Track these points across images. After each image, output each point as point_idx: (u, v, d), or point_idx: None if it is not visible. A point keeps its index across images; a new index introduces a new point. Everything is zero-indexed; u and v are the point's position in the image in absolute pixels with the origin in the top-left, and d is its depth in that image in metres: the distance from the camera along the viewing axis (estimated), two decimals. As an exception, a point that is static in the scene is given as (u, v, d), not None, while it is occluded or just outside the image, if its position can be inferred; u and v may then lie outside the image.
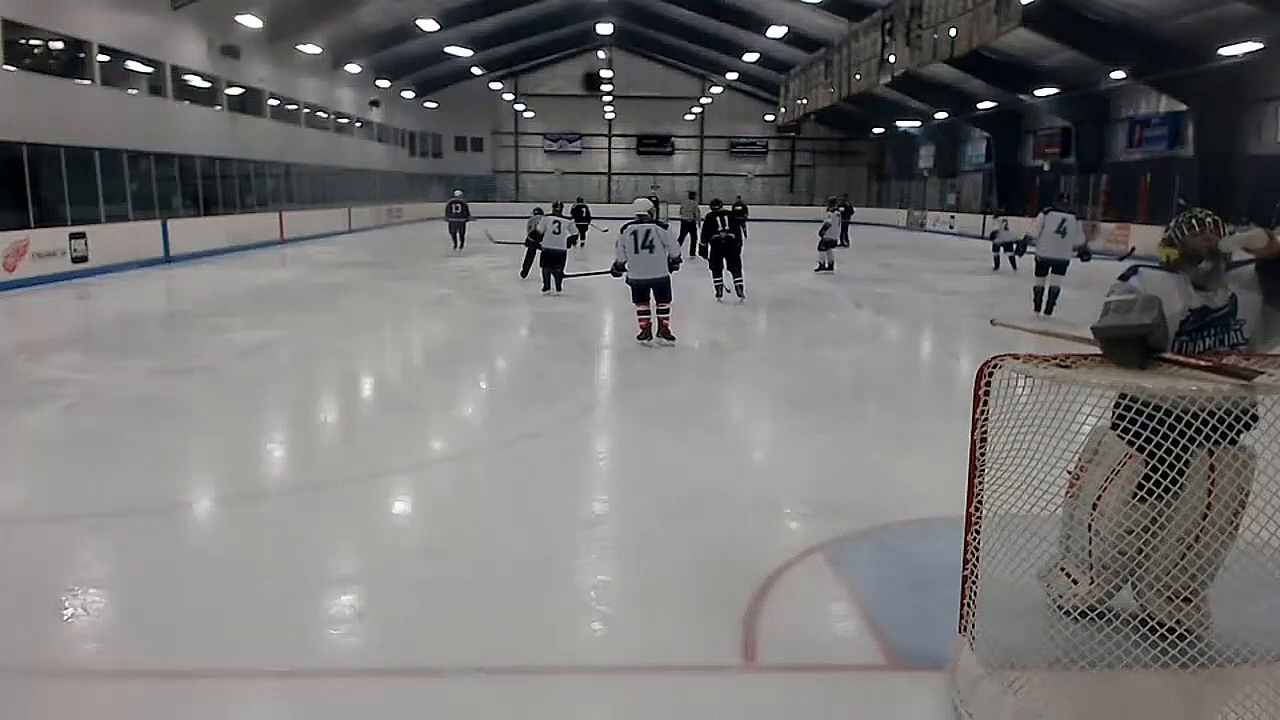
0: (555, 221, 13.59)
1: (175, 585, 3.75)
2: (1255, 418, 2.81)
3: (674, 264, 9.22)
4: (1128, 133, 26.04)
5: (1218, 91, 20.93)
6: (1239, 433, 2.78)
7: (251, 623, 3.41)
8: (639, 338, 9.33)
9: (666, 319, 9.29)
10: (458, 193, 24.06)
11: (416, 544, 4.31)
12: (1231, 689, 2.59)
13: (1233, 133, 21.25)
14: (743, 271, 12.97)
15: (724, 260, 12.84)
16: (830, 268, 17.60)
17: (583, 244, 20.41)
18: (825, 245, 17.77)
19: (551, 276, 13.52)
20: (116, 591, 3.81)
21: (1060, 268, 11.62)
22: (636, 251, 9.05)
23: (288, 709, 3.01)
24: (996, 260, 19.19)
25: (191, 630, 3.35)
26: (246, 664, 3.14)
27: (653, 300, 9.20)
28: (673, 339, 9.27)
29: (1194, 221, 3.14)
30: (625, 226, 9.21)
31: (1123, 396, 3.03)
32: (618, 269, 9.33)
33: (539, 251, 13.87)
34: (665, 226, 9.74)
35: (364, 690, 3.03)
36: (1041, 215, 12.06)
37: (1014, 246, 17.95)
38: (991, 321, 5.33)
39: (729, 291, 12.87)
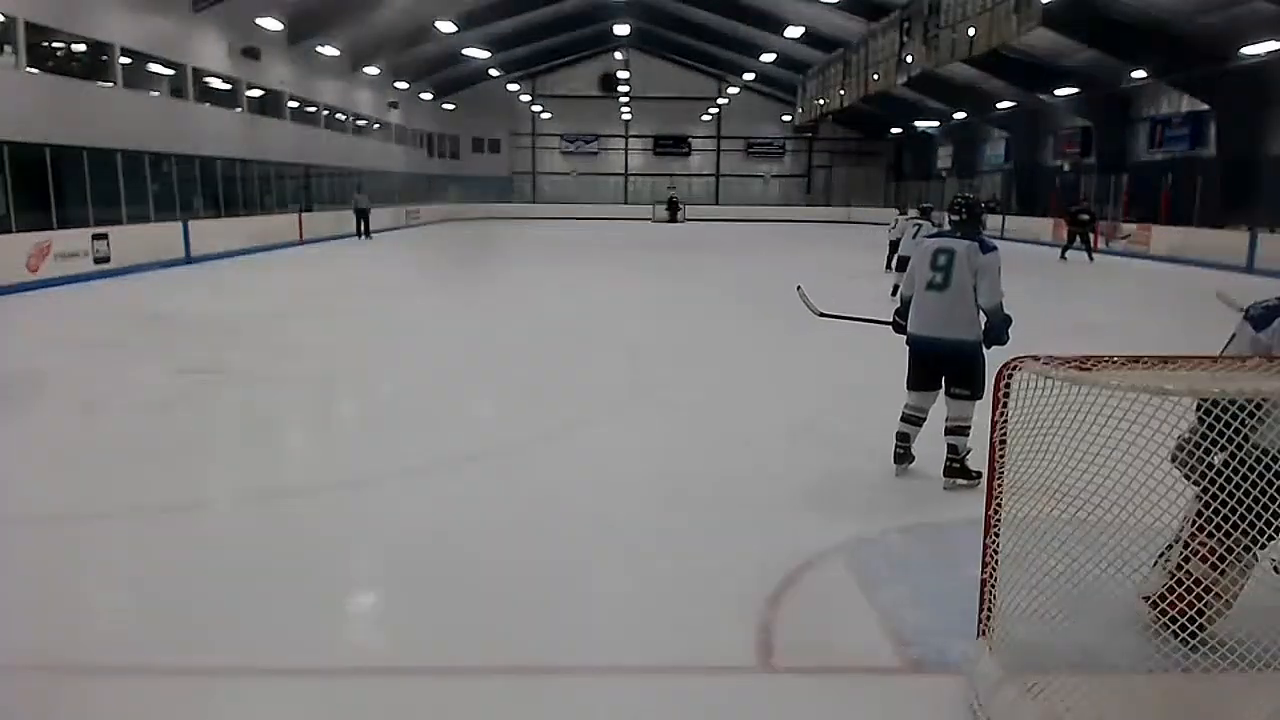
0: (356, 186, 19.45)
1: (188, 584, 3.76)
2: None
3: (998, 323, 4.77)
4: (1149, 133, 25.78)
5: (1240, 91, 20.72)
6: None
7: (262, 622, 3.42)
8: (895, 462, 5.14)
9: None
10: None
11: (423, 544, 4.30)
12: (1257, 693, 2.55)
13: (1255, 133, 21.02)
14: None
15: None
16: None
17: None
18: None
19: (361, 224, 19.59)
20: (129, 590, 3.84)
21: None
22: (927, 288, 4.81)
23: (292, 708, 3.00)
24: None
25: (204, 629, 3.37)
26: (257, 663, 3.16)
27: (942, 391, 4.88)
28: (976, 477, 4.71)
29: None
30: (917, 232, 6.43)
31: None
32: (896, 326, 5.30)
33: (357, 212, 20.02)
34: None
35: (368, 689, 3.03)
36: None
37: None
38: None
39: None
